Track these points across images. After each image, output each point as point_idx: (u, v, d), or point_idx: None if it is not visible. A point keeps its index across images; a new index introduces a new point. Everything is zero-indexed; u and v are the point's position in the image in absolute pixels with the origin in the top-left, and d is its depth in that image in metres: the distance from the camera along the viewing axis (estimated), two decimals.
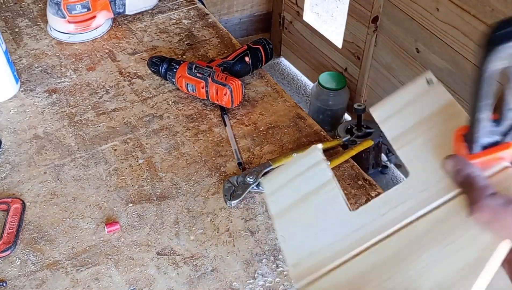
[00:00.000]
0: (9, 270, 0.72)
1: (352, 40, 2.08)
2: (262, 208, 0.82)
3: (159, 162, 0.88)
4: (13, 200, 0.80)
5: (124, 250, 0.75)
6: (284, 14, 2.45)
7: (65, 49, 1.09)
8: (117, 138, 0.91)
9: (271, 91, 1.02)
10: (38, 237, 0.76)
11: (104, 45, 1.11)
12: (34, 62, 1.05)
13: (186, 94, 1.00)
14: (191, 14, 1.20)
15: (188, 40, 1.13)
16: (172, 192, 0.83)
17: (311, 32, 2.31)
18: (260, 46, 1.02)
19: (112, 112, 0.96)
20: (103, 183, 0.84)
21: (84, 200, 0.81)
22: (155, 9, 1.21)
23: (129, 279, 0.72)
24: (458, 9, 1.57)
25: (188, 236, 0.77)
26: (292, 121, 0.96)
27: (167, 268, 0.74)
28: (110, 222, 0.78)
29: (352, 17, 2.03)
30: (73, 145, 0.90)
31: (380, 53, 1.95)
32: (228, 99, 0.93)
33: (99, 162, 0.87)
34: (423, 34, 1.73)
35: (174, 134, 0.92)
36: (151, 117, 0.95)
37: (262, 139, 0.92)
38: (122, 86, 1.01)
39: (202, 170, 0.87)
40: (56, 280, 0.71)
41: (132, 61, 1.07)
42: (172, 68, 0.98)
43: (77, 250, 0.75)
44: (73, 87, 1.01)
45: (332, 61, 2.24)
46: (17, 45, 1.09)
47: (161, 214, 0.80)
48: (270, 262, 0.75)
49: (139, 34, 1.14)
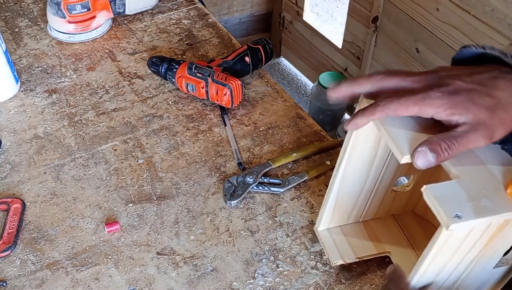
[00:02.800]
0: (9, 270, 0.72)
1: (352, 40, 2.08)
2: (262, 208, 0.82)
3: (159, 162, 0.88)
4: (13, 200, 0.80)
5: (124, 250, 0.75)
6: (284, 14, 2.45)
7: (65, 49, 1.09)
8: (117, 138, 0.91)
9: (271, 91, 1.02)
10: (38, 237, 0.76)
11: (104, 45, 1.11)
12: (34, 62, 1.05)
13: (186, 94, 1.00)
14: (191, 14, 1.20)
15: (188, 40, 1.13)
16: (172, 192, 0.83)
17: (311, 32, 2.31)
18: (260, 46, 1.02)
19: (112, 112, 0.96)
20: (103, 183, 0.84)
21: (84, 200, 0.81)
22: (155, 9, 1.21)
23: (129, 279, 0.72)
24: (458, 9, 1.57)
25: (188, 236, 0.77)
26: (292, 121, 0.96)
27: (167, 268, 0.74)
28: (110, 222, 0.78)
29: (352, 17, 2.03)
30: (73, 145, 0.90)
31: (380, 53, 1.95)
32: (228, 99, 0.93)
33: (99, 162, 0.87)
34: (423, 34, 1.73)
35: (174, 134, 0.92)
36: (151, 117, 0.95)
37: (262, 139, 0.92)
38: (122, 86, 1.01)
39: (202, 170, 0.87)
40: (56, 280, 0.71)
41: (132, 61, 1.07)
42: (172, 68, 0.98)
43: (77, 250, 0.75)
44: (73, 87, 1.01)
45: (332, 61, 2.24)
46: (17, 45, 1.09)
47: (161, 214, 0.80)
48: (270, 262, 0.75)
49: (139, 34, 1.14)
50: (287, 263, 0.74)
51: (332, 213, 0.73)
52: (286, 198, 0.83)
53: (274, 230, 0.79)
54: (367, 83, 0.57)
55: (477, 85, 0.53)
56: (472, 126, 0.52)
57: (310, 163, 0.89)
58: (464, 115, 0.52)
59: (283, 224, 0.79)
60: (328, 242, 0.73)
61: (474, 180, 0.53)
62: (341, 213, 0.74)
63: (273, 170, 0.87)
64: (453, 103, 0.52)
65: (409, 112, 0.53)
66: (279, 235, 0.78)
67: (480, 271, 0.59)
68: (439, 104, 0.52)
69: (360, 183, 0.69)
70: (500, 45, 1.48)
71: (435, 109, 0.52)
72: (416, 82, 0.55)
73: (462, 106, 0.52)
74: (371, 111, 0.55)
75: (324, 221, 0.73)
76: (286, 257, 0.75)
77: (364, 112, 0.55)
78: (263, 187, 0.83)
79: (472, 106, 0.52)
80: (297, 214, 0.81)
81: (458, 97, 0.52)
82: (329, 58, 2.25)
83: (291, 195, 0.83)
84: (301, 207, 0.82)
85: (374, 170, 0.68)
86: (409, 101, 0.53)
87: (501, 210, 0.50)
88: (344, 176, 0.67)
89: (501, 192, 0.52)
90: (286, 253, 0.76)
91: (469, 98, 0.52)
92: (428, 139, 0.52)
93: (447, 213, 0.49)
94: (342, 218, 0.75)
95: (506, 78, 0.54)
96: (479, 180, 0.53)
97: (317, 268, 0.74)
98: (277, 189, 0.83)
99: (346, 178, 0.67)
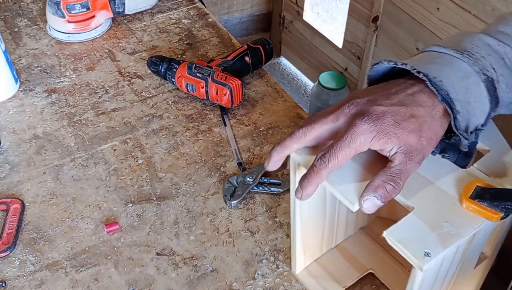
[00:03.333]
0: (8, 271, 0.72)
1: (353, 39, 2.07)
2: (262, 208, 0.81)
3: (159, 162, 0.87)
4: (12, 200, 0.80)
5: (123, 251, 0.75)
6: (284, 13, 2.44)
7: (64, 49, 1.09)
8: (116, 138, 0.91)
9: (271, 91, 1.02)
10: (37, 238, 0.76)
11: (103, 45, 1.10)
12: (34, 62, 1.05)
13: (186, 94, 0.99)
14: (191, 14, 1.20)
15: (188, 40, 1.13)
16: (172, 192, 0.83)
17: (311, 32, 2.30)
18: (260, 46, 1.02)
19: (111, 112, 0.96)
20: (102, 183, 0.84)
21: (83, 200, 0.81)
22: (154, 9, 1.20)
23: (128, 280, 0.72)
24: (459, 8, 1.57)
25: (188, 236, 0.77)
26: (292, 121, 0.95)
27: (166, 269, 0.73)
28: (109, 223, 0.78)
29: (353, 17, 2.03)
30: (72, 145, 0.89)
31: (381, 52, 1.95)
32: (228, 99, 0.93)
33: (98, 162, 0.87)
34: (424, 34, 1.73)
35: (174, 134, 0.92)
36: (151, 117, 0.95)
37: (262, 139, 0.92)
38: (122, 86, 1.01)
39: (202, 170, 0.86)
40: (55, 281, 0.71)
41: (131, 61, 1.07)
42: (172, 68, 0.97)
43: (76, 251, 0.75)
44: (72, 87, 1.00)
45: (332, 61, 2.24)
46: (16, 45, 1.09)
47: (160, 214, 0.80)
48: (270, 263, 0.74)
49: (139, 33, 1.14)
50: (287, 264, 0.74)
51: (304, 253, 0.71)
52: (286, 198, 0.83)
53: (274, 231, 0.78)
54: (293, 143, 0.56)
55: (398, 107, 0.52)
56: (406, 155, 0.51)
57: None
58: (396, 144, 0.51)
59: (283, 224, 0.79)
60: (310, 283, 0.71)
61: (429, 206, 0.52)
62: (313, 249, 0.72)
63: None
64: (381, 131, 0.51)
65: (348, 157, 0.52)
66: (279, 236, 0.78)
67: (463, 274, 0.60)
68: (370, 136, 0.51)
69: (320, 218, 0.68)
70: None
71: (368, 143, 0.51)
72: (336, 120, 0.54)
73: (391, 133, 0.51)
74: (315, 176, 0.53)
75: (298, 263, 0.72)
76: (286, 257, 0.75)
77: (309, 179, 0.53)
78: (263, 187, 0.83)
79: (401, 132, 0.51)
80: None
81: (384, 123, 0.51)
82: (329, 58, 2.25)
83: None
84: None
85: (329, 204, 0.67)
86: (342, 148, 0.51)
87: (464, 232, 0.50)
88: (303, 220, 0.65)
89: (458, 209, 0.52)
90: (286, 253, 0.75)
91: (395, 123, 0.51)
92: (372, 184, 0.51)
93: (415, 254, 0.48)
94: (315, 252, 0.73)
95: (423, 92, 0.54)
96: (434, 203, 0.52)
97: None
98: (277, 189, 0.83)
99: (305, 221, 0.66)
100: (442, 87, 0.52)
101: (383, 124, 0.51)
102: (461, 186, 0.53)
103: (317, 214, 0.67)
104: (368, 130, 0.51)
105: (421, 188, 0.54)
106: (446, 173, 0.55)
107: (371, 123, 0.51)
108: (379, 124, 0.51)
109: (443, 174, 0.55)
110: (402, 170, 0.51)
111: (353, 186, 0.54)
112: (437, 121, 0.53)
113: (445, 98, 0.52)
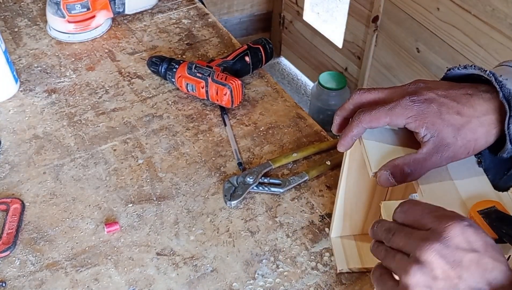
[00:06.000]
0: (8, 271, 0.72)
1: (353, 39, 2.07)
2: (262, 208, 0.81)
3: (159, 162, 0.87)
4: (12, 200, 0.80)
5: (123, 251, 0.75)
6: (284, 13, 2.44)
7: (64, 49, 1.09)
8: (116, 138, 0.91)
9: (271, 91, 1.02)
10: (37, 238, 0.76)
11: (103, 45, 1.10)
12: (34, 62, 1.05)
13: (186, 94, 0.99)
14: (191, 14, 1.20)
15: (188, 40, 1.13)
16: (172, 192, 0.83)
17: (311, 32, 2.30)
18: (260, 46, 1.02)
19: (111, 112, 0.96)
20: (102, 183, 0.84)
21: (83, 200, 0.81)
22: (154, 9, 1.20)
23: (128, 280, 0.72)
24: (459, 8, 1.57)
25: (188, 236, 0.77)
26: (292, 121, 0.95)
27: (167, 269, 0.73)
28: (109, 223, 0.78)
29: (352, 17, 2.03)
30: (72, 145, 0.89)
31: (381, 52, 1.95)
32: (228, 99, 0.93)
33: (98, 162, 0.87)
34: (424, 34, 1.73)
35: (174, 134, 0.92)
36: (151, 117, 0.95)
37: (262, 139, 0.92)
38: (122, 86, 1.01)
39: (202, 170, 0.86)
40: (55, 281, 0.71)
41: (131, 61, 1.07)
42: (172, 68, 0.97)
43: (76, 251, 0.75)
44: (72, 87, 1.00)
45: (332, 61, 2.24)
46: (16, 45, 1.09)
47: (160, 214, 0.80)
48: (270, 263, 0.74)
49: (139, 33, 1.14)
50: (287, 264, 0.74)
51: (343, 223, 0.74)
52: (286, 198, 0.83)
53: (274, 231, 0.78)
54: (350, 105, 0.59)
55: (449, 100, 0.53)
56: (436, 146, 0.52)
57: (311, 163, 0.88)
58: (431, 130, 0.52)
59: (283, 224, 0.79)
60: (337, 248, 0.74)
61: (434, 200, 0.52)
62: (354, 224, 0.75)
63: (273, 170, 0.86)
64: (421, 114, 0.52)
65: (381, 123, 0.54)
66: (279, 236, 0.78)
67: None
68: (408, 114, 0.53)
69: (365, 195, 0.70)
70: (500, 45, 1.48)
71: (405, 119, 0.53)
72: (393, 93, 0.56)
73: (430, 119, 0.52)
74: (349, 128, 0.57)
75: (335, 229, 0.75)
76: (286, 257, 0.75)
77: (345, 131, 0.57)
78: (263, 187, 0.83)
79: (439, 122, 0.52)
80: (297, 215, 0.80)
81: (428, 108, 0.53)
82: (329, 58, 2.25)
83: (291, 196, 0.83)
84: (301, 208, 0.82)
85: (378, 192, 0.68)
86: (380, 112, 0.53)
87: None
88: (348, 185, 0.67)
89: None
90: (286, 253, 0.75)
91: (438, 112, 0.52)
92: (393, 162, 0.53)
93: None
94: (355, 228, 0.75)
95: (481, 97, 0.54)
96: (441, 200, 0.52)
97: (317, 268, 0.74)
98: (277, 189, 0.83)
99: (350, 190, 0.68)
100: (506, 85, 0.53)
101: (427, 108, 0.52)
102: (480, 199, 0.53)
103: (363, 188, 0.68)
104: (410, 108, 0.52)
105: (439, 181, 0.54)
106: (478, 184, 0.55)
107: (416, 103, 0.53)
108: (423, 106, 0.52)
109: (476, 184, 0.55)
110: (427, 159, 0.52)
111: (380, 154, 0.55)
112: (484, 127, 0.53)
113: (505, 96, 0.52)
